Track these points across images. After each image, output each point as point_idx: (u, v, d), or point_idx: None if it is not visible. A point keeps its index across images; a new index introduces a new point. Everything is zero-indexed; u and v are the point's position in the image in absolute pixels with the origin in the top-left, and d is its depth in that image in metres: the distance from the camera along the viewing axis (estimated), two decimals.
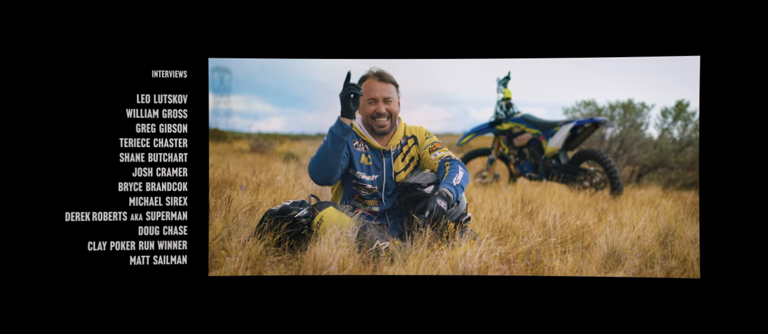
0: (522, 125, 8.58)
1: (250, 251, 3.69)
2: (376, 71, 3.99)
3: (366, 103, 3.96)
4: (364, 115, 3.99)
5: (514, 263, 3.80)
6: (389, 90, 3.98)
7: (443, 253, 3.56)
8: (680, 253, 4.07)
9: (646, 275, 3.92)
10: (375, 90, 3.95)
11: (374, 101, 3.94)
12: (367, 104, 3.96)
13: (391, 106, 3.98)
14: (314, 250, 3.57)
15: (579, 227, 4.52)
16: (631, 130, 11.79)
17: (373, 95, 3.95)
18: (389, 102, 3.97)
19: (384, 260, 3.62)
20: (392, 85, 4.00)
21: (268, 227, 3.86)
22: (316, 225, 3.78)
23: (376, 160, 3.99)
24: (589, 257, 3.98)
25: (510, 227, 4.39)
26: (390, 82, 3.99)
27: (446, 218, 3.75)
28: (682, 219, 4.74)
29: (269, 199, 5.01)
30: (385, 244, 3.66)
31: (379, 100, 3.94)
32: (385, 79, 3.98)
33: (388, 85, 3.98)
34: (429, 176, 3.97)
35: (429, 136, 4.13)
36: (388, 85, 3.98)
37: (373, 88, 3.96)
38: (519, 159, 8.72)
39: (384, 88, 3.97)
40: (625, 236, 4.09)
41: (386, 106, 3.95)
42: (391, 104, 3.98)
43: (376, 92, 3.95)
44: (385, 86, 3.97)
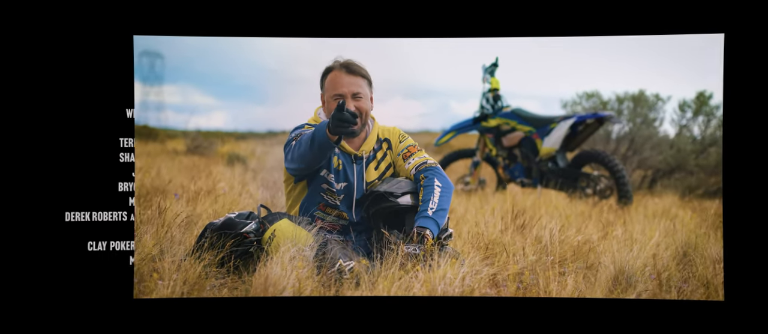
0: (512, 122, 8.62)
1: (187, 273, 3.66)
2: (343, 62, 3.96)
3: (331, 99, 3.94)
4: (329, 115, 3.96)
5: (503, 287, 3.81)
6: (359, 84, 3.95)
7: (419, 275, 3.56)
8: (702, 275, 4.09)
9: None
10: (342, 84, 3.92)
11: (341, 97, 3.90)
12: (333, 101, 3.93)
13: (362, 104, 3.94)
14: (265, 271, 3.55)
15: (580, 243, 4.54)
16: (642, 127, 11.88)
17: (339, 90, 3.92)
18: (359, 99, 3.94)
19: (348, 283, 3.60)
20: (363, 78, 3.97)
21: (208, 243, 3.82)
22: (266, 241, 3.76)
23: (347, 166, 3.97)
24: (593, 279, 4.00)
25: (498, 243, 4.39)
26: (360, 74, 3.96)
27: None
28: (704, 234, 4.78)
29: (210, 210, 4.98)
30: (350, 263, 3.65)
31: (347, 96, 3.91)
32: (354, 71, 3.95)
33: (358, 79, 3.95)
34: (404, 184, 3.95)
35: (403, 138, 4.11)
36: (358, 78, 3.95)
37: (339, 82, 3.93)
38: (509, 162, 8.76)
39: (353, 82, 3.93)
40: (636, 255, 4.11)
41: (355, 103, 3.92)
42: (362, 101, 3.94)
43: (343, 87, 3.92)
44: (353, 80, 3.94)
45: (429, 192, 3.87)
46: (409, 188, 3.94)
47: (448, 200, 3.90)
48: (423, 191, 3.89)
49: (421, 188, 3.91)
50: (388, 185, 3.94)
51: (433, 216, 3.79)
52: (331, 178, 3.93)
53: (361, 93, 3.93)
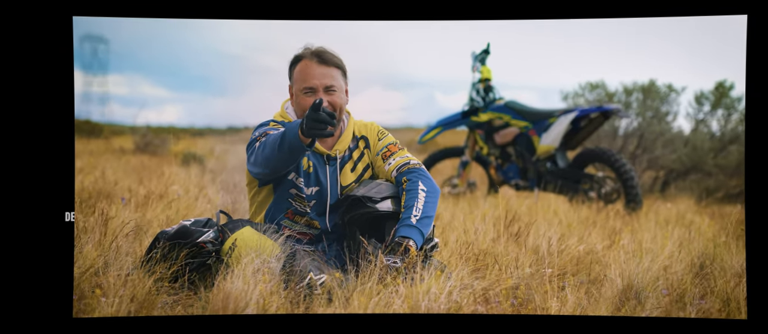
0: (506, 116, 8.64)
1: (135, 289, 3.64)
2: (314, 50, 3.95)
3: (301, 93, 3.93)
4: (299, 110, 3.96)
5: (495, 303, 3.82)
6: (333, 76, 3.94)
7: (400, 290, 3.56)
8: (722, 290, 4.09)
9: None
10: (313, 76, 3.91)
11: (311, 91, 3.90)
12: (303, 95, 3.92)
13: (336, 98, 3.94)
14: (224, 286, 3.54)
15: (583, 254, 4.56)
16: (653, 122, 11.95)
17: (310, 83, 3.91)
18: (333, 92, 3.93)
19: (319, 299, 3.60)
20: (337, 68, 3.97)
21: (160, 255, 3.81)
22: (226, 252, 3.75)
23: (319, 168, 3.97)
24: (597, 294, 4.02)
25: (490, 253, 4.41)
26: (334, 64, 3.96)
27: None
28: (724, 243, 4.81)
29: (162, 217, 4.97)
30: (321, 277, 3.65)
31: (318, 90, 3.91)
32: (326, 60, 3.94)
33: (331, 70, 3.94)
34: (384, 188, 3.96)
35: (383, 135, 4.12)
36: (331, 69, 3.95)
37: (310, 73, 3.92)
38: (502, 161, 8.78)
39: (325, 73, 3.93)
40: (647, 267, 4.13)
41: (328, 97, 3.92)
42: (336, 95, 3.94)
43: (314, 79, 3.91)
44: (326, 71, 3.93)
45: (412, 197, 3.88)
46: (389, 192, 3.94)
47: (434, 206, 3.91)
48: (405, 195, 3.90)
49: (403, 192, 3.92)
50: (365, 189, 3.94)
51: (417, 224, 3.79)
52: (300, 182, 3.92)
53: (335, 86, 3.92)
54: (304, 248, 3.92)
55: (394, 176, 3.99)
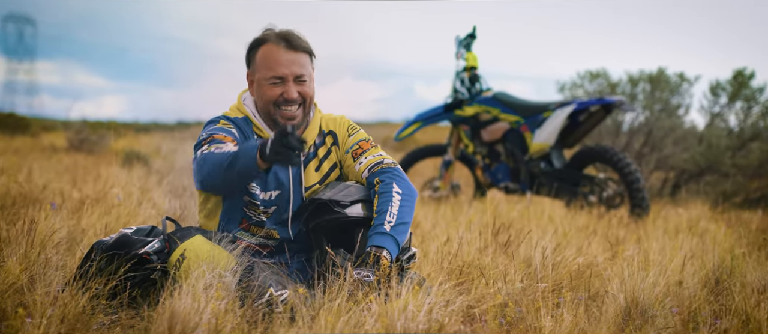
0: (494, 109, 8.67)
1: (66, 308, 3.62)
2: (280, 33, 3.96)
3: (266, 82, 3.94)
4: (262, 102, 3.96)
5: (481, 322, 3.84)
6: (303, 63, 3.95)
7: (372, 307, 3.57)
8: (741, 307, 4.13)
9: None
10: (280, 63, 3.92)
11: (280, 80, 3.91)
12: (268, 84, 3.93)
13: (306, 88, 3.95)
14: (171, 303, 3.53)
15: (582, 266, 4.59)
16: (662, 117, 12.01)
17: (278, 71, 3.91)
18: (303, 82, 3.94)
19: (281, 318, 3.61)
20: (306, 54, 3.98)
21: (96, 268, 3.80)
22: (174, 265, 3.74)
23: (278, 169, 3.97)
24: (597, 312, 4.05)
25: (476, 265, 4.43)
26: (303, 50, 3.96)
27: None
28: (743, 254, 4.85)
29: (99, 225, 4.96)
30: (283, 293, 3.66)
31: (288, 79, 3.92)
32: (295, 45, 3.94)
33: (301, 56, 3.95)
34: (353, 190, 3.97)
35: (353, 131, 4.13)
36: (301, 54, 3.95)
37: (277, 59, 3.92)
38: (490, 161, 8.81)
39: (294, 60, 3.93)
40: (654, 281, 4.17)
41: (298, 87, 3.93)
42: (306, 85, 3.95)
43: (282, 67, 3.91)
44: (295, 57, 3.94)
45: (386, 201, 3.89)
46: (359, 195, 3.95)
47: (411, 211, 3.92)
48: (378, 199, 3.91)
49: (375, 195, 3.93)
50: (333, 192, 3.95)
51: (392, 232, 3.81)
52: (254, 189, 3.93)
53: (305, 75, 3.93)
54: (264, 260, 3.92)
55: (365, 176, 4.00)
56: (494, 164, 8.80)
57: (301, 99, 3.91)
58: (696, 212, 8.35)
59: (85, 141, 11.75)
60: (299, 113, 3.93)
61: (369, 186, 3.99)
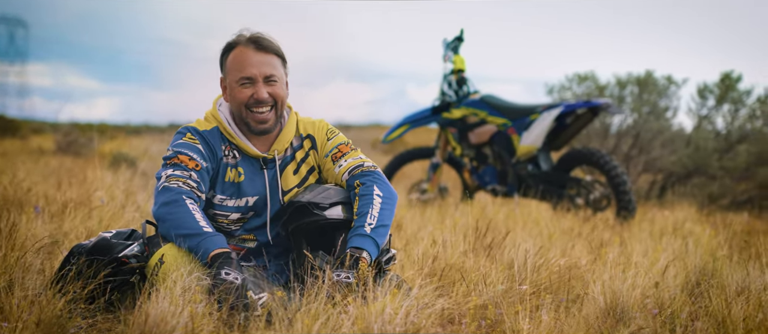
0: (481, 112, 8.66)
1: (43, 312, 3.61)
2: (249, 36, 3.96)
3: (236, 84, 3.93)
4: (234, 104, 3.96)
5: (461, 324, 3.83)
6: (272, 64, 3.95)
7: (350, 309, 3.56)
8: (717, 310, 4.11)
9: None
10: (250, 64, 3.92)
11: (250, 81, 3.91)
12: (239, 86, 3.93)
13: (277, 89, 3.95)
14: (148, 307, 3.52)
15: (564, 268, 4.58)
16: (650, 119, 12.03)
17: (247, 72, 3.91)
18: (273, 83, 3.94)
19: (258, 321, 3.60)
20: (276, 56, 3.98)
21: (75, 272, 3.78)
22: (152, 269, 3.73)
23: (254, 174, 3.97)
24: (577, 314, 4.04)
25: (458, 268, 4.42)
26: (273, 52, 3.97)
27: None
28: (725, 257, 4.84)
29: (81, 228, 4.95)
30: (261, 296, 3.65)
31: (258, 80, 3.91)
32: (265, 47, 3.95)
33: (270, 57, 3.95)
34: (333, 193, 3.96)
35: (332, 134, 4.13)
36: (270, 56, 3.95)
37: (246, 61, 3.93)
38: (477, 163, 8.80)
39: (264, 61, 3.94)
40: (633, 283, 4.16)
41: (268, 88, 3.93)
42: (277, 86, 3.95)
43: (251, 68, 3.92)
44: (265, 58, 3.94)
45: (366, 203, 3.89)
46: (339, 197, 3.94)
47: (391, 214, 3.92)
48: (358, 201, 3.91)
49: (355, 197, 3.93)
50: (312, 194, 3.94)
51: (372, 234, 3.80)
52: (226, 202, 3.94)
53: (275, 75, 3.93)
54: (243, 264, 3.91)
55: (345, 179, 4.00)
56: (482, 167, 8.80)
57: (272, 101, 3.91)
58: (682, 214, 8.34)
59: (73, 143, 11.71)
60: (271, 116, 3.92)
61: (349, 189, 3.99)
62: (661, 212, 8.76)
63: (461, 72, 8.78)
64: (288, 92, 4.03)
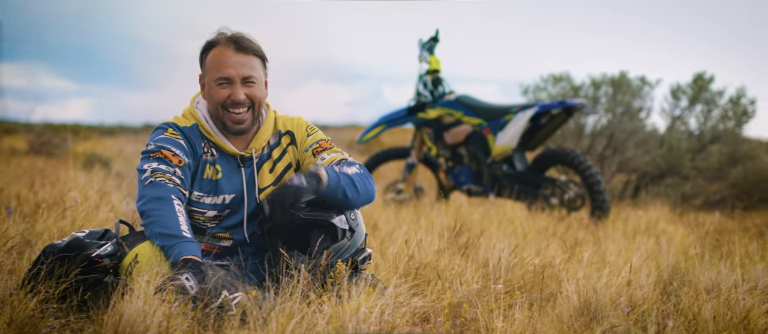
0: (457, 112, 8.67)
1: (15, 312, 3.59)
2: (230, 35, 3.94)
3: (214, 83, 3.92)
4: (211, 104, 3.94)
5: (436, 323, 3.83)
6: (252, 65, 3.94)
7: (324, 308, 3.56)
8: (688, 308, 4.13)
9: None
10: (228, 64, 3.91)
11: (227, 82, 3.89)
12: (216, 86, 3.91)
13: (254, 91, 3.94)
14: (121, 307, 3.51)
15: (539, 267, 4.59)
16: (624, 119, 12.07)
17: (225, 72, 3.90)
18: (251, 84, 3.93)
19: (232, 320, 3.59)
20: (256, 57, 3.97)
21: (46, 271, 3.76)
22: (126, 268, 3.71)
23: (231, 172, 3.96)
24: (551, 313, 4.05)
25: (433, 267, 4.43)
26: (253, 52, 3.95)
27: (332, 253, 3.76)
28: (697, 256, 4.86)
29: (54, 228, 4.92)
30: (236, 296, 3.63)
31: (235, 81, 3.90)
32: (245, 47, 3.93)
33: (250, 58, 3.94)
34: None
35: (312, 131, 4.12)
36: (250, 57, 3.94)
37: (225, 61, 3.92)
38: (453, 164, 8.81)
39: (243, 61, 3.93)
40: (606, 282, 4.17)
41: (246, 90, 3.92)
42: (254, 87, 3.94)
43: (229, 68, 3.91)
44: (244, 59, 3.93)
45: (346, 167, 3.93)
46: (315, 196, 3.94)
47: (356, 188, 3.90)
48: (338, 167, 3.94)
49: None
50: None
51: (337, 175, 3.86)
52: (203, 199, 3.93)
53: (254, 77, 3.92)
54: (218, 263, 3.90)
55: None
56: (457, 167, 8.81)
57: (250, 102, 3.90)
58: (656, 214, 8.38)
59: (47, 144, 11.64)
60: (247, 117, 3.91)
61: None
62: (635, 211, 8.79)
63: (437, 72, 8.79)
64: (267, 93, 4.02)
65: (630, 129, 11.55)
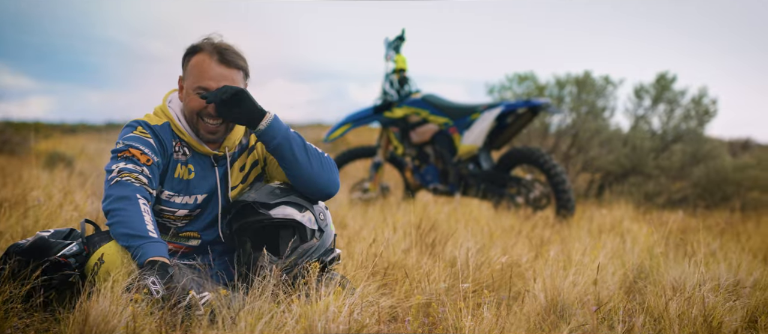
0: (423, 111, 8.68)
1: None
2: (216, 45, 3.88)
3: (191, 91, 3.88)
4: (187, 110, 3.91)
5: (404, 322, 3.84)
6: (233, 79, 3.90)
7: (293, 307, 3.56)
8: (655, 306, 4.16)
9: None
10: (210, 76, 3.87)
11: (205, 91, 3.86)
12: (193, 94, 3.87)
13: None
14: (87, 306, 3.48)
15: (505, 266, 4.60)
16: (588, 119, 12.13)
17: (204, 82, 3.86)
18: None
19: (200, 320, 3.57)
20: (239, 71, 3.91)
21: (9, 271, 3.73)
22: (92, 268, 3.69)
23: (203, 171, 3.93)
24: (518, 311, 4.06)
25: (401, 266, 4.43)
26: (236, 66, 3.89)
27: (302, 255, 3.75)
28: (662, 254, 4.89)
29: (17, 228, 4.88)
30: (204, 295, 3.62)
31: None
32: (228, 61, 3.87)
33: (232, 72, 3.89)
34: (278, 192, 3.94)
35: None
36: (232, 71, 3.89)
37: (207, 71, 3.88)
38: (419, 163, 8.82)
39: (225, 74, 3.88)
40: (573, 280, 4.19)
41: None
42: None
43: (210, 79, 3.87)
44: (227, 72, 3.88)
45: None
46: (285, 196, 3.92)
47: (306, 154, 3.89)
48: None
49: None
50: (257, 194, 3.92)
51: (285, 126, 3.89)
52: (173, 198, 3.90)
53: None
54: (186, 262, 3.88)
55: None
56: (423, 166, 8.82)
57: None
58: (620, 213, 8.43)
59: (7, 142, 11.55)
60: (221, 129, 3.88)
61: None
62: (600, 210, 8.84)
63: (403, 71, 8.79)
64: None
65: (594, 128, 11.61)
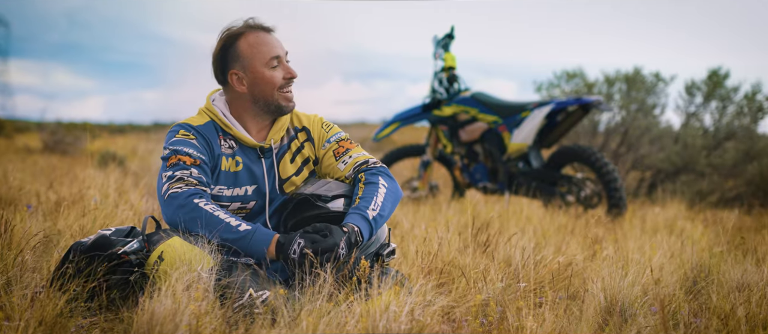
0: (472, 109, 8.65)
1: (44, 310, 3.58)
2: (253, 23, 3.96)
3: (265, 67, 3.94)
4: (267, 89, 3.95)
5: (463, 323, 3.82)
6: (279, 40, 4.02)
7: (354, 306, 3.55)
8: (720, 306, 4.11)
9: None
10: (273, 45, 3.97)
11: (278, 61, 3.95)
12: (269, 69, 3.95)
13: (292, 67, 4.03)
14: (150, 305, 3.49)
15: (562, 265, 4.57)
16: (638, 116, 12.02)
17: (275, 51, 3.96)
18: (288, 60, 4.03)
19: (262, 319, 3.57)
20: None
21: (74, 270, 3.75)
22: (153, 265, 3.70)
23: (251, 164, 3.95)
24: (578, 311, 4.03)
25: (456, 265, 4.41)
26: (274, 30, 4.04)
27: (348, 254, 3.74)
28: (721, 253, 4.84)
29: (76, 226, 4.91)
30: (263, 294, 3.62)
31: (283, 59, 3.98)
32: (270, 28, 4.01)
33: (275, 37, 4.02)
34: (334, 185, 3.94)
35: (328, 128, 4.12)
36: (275, 35, 4.02)
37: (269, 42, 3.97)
38: (468, 161, 8.79)
39: (278, 40, 4.00)
40: (632, 280, 4.15)
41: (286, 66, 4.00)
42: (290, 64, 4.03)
43: (276, 48, 3.97)
44: (276, 39, 4.00)
45: (372, 191, 3.88)
46: (341, 190, 3.92)
47: (392, 208, 3.91)
48: (363, 188, 3.89)
49: (360, 185, 3.92)
50: (313, 187, 3.92)
51: (372, 221, 3.80)
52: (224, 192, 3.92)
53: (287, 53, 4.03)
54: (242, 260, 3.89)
55: (349, 175, 4.00)
56: (472, 164, 8.78)
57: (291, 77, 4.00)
58: (672, 212, 8.36)
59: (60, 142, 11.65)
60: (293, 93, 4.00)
61: (354, 183, 3.98)
62: (651, 209, 8.77)
63: (452, 69, 8.77)
64: None
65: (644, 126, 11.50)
